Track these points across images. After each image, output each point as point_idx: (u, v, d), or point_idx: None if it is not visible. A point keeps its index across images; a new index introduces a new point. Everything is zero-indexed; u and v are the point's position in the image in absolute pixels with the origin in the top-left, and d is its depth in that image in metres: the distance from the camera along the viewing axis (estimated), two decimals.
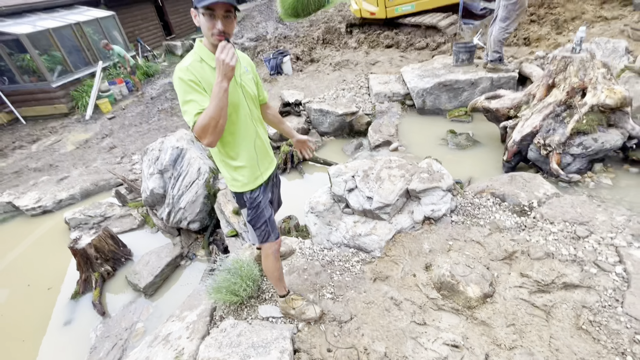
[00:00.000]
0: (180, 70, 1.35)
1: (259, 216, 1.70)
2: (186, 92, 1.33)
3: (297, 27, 12.13)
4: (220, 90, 1.28)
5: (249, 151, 1.59)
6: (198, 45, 1.44)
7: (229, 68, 1.26)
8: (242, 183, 1.62)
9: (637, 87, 2.91)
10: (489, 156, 3.33)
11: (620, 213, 2.04)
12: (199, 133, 1.31)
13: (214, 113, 1.28)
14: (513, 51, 4.62)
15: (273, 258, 1.78)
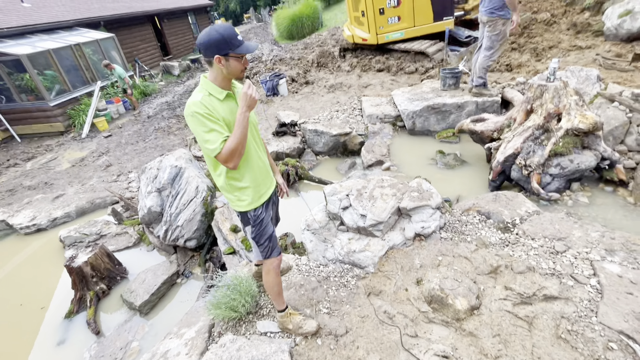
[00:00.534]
0: (195, 105, 1.47)
1: (262, 232, 1.81)
2: (205, 124, 1.46)
3: (292, 49, 12.58)
4: (245, 119, 1.50)
5: (253, 172, 1.71)
6: (205, 82, 1.57)
7: (254, 101, 1.51)
8: (247, 202, 1.73)
9: (608, 112, 3.16)
10: (476, 175, 3.50)
11: (595, 229, 2.20)
12: (227, 157, 1.47)
13: (240, 138, 1.48)
14: (496, 77, 4.92)
15: (274, 273, 1.88)
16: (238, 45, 1.47)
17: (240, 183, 1.70)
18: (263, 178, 1.79)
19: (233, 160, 1.49)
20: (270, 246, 1.86)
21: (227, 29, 1.47)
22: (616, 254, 1.99)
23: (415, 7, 6.21)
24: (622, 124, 3.04)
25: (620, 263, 1.92)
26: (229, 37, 1.45)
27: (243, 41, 1.50)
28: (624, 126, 3.03)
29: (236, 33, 1.49)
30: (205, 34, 1.47)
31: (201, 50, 1.50)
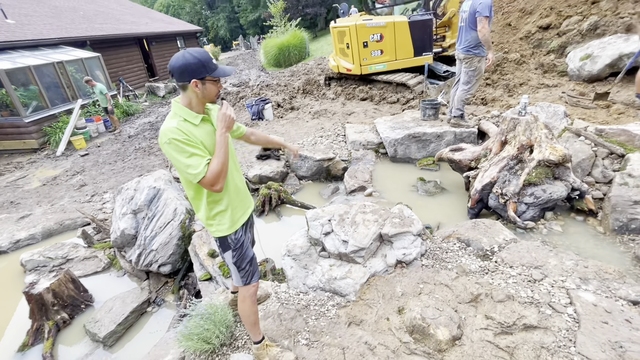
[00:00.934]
0: (171, 132, 1.42)
1: (244, 256, 1.77)
2: (184, 149, 1.42)
3: (279, 76, 12.89)
4: (225, 139, 1.51)
5: (230, 194, 1.69)
6: (178, 107, 1.53)
7: (232, 121, 1.53)
8: (226, 226, 1.68)
9: (575, 145, 3.35)
10: (455, 203, 3.58)
11: (569, 258, 2.26)
12: (213, 180, 1.45)
13: (223, 159, 1.47)
14: (472, 109, 5.19)
15: (250, 301, 1.80)
16: (214, 68, 1.48)
17: (220, 206, 1.66)
18: (241, 199, 1.78)
19: (219, 182, 1.47)
20: (251, 270, 1.81)
21: (203, 53, 1.46)
22: (590, 283, 2.03)
23: (397, 43, 6.57)
24: (588, 157, 3.22)
25: (594, 292, 1.96)
26: (206, 61, 1.45)
27: (217, 65, 1.51)
28: (590, 159, 3.22)
29: (211, 57, 1.50)
30: (180, 57, 1.43)
31: (174, 74, 1.46)
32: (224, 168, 1.48)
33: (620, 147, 3.11)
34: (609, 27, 5.91)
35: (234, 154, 1.78)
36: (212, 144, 1.54)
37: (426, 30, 6.44)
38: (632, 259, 2.41)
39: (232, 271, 1.82)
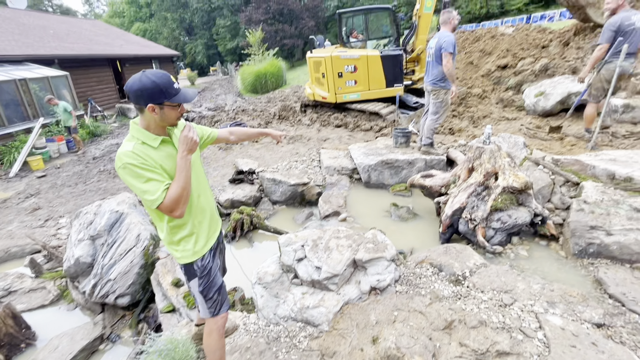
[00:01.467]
0: (126, 156, 1.35)
1: (211, 284, 1.66)
2: (140, 174, 1.35)
3: (255, 102, 13.02)
4: (187, 163, 1.42)
5: (197, 217, 1.61)
6: (135, 129, 1.46)
7: (194, 144, 1.44)
8: (191, 252, 1.59)
9: (535, 174, 3.56)
10: (428, 228, 3.63)
11: (536, 282, 2.32)
12: (171, 206, 1.36)
13: (183, 184, 1.39)
14: (441, 138, 5.44)
15: (217, 335, 1.66)
16: (174, 94, 1.39)
17: (184, 231, 1.57)
18: (209, 222, 1.69)
19: (179, 208, 1.39)
20: (219, 300, 1.69)
21: (162, 76, 1.37)
22: (557, 306, 2.08)
23: (370, 74, 6.90)
24: (547, 184, 3.42)
25: (561, 315, 2.00)
26: (164, 85, 1.36)
27: (179, 89, 1.42)
28: (549, 186, 3.42)
29: (172, 81, 1.41)
30: (136, 80, 1.34)
31: (130, 97, 1.37)
32: (185, 193, 1.39)
33: (575, 175, 3.34)
34: (558, 68, 6.57)
35: (201, 174, 1.71)
36: (173, 168, 1.46)
37: (397, 64, 6.84)
38: (592, 282, 2.51)
39: (198, 301, 1.68)
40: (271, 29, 29.04)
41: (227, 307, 1.74)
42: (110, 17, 48.83)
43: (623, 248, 2.63)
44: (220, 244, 1.93)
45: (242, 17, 30.46)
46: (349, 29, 8.43)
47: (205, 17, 42.20)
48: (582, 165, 3.36)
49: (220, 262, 1.94)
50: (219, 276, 1.73)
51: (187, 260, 1.61)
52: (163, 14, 42.79)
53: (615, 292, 2.32)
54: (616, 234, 2.66)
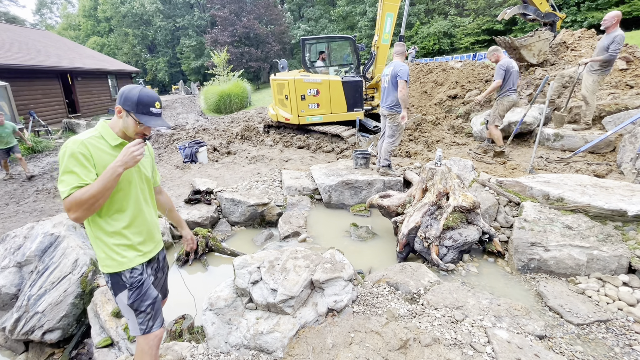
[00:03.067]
0: (74, 143, 1.36)
1: (143, 297, 1.56)
2: (72, 164, 1.33)
3: (218, 122, 12.79)
4: (114, 174, 1.35)
5: (133, 228, 1.57)
6: (102, 125, 1.51)
7: (133, 160, 1.38)
8: (118, 262, 1.52)
9: (482, 194, 3.82)
10: (386, 247, 3.69)
11: (485, 297, 2.41)
12: (72, 206, 1.30)
13: (97, 192, 1.32)
14: (398, 161, 5.69)
15: (149, 356, 1.51)
16: (143, 112, 1.45)
17: (115, 238, 1.53)
18: (146, 238, 1.64)
19: (77, 211, 1.32)
20: (152, 315, 1.57)
21: (148, 95, 1.47)
22: (503, 320, 2.17)
23: (332, 98, 7.14)
24: (493, 204, 3.67)
25: (507, 329, 2.09)
26: (141, 100, 1.44)
27: (153, 114, 1.47)
28: (495, 206, 3.67)
29: (153, 104, 1.47)
30: (130, 86, 1.49)
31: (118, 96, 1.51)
32: (91, 201, 1.32)
33: (516, 196, 3.62)
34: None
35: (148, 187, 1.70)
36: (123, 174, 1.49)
37: (357, 90, 7.17)
38: (534, 296, 2.67)
39: (127, 317, 1.57)
40: (237, 51, 29.34)
41: (160, 324, 1.63)
42: (63, 29, 46.36)
43: (559, 263, 2.85)
44: (160, 262, 1.85)
45: (208, 38, 30.52)
46: (318, 52, 8.76)
47: (169, 35, 41.65)
48: (522, 186, 3.66)
49: (158, 281, 1.84)
50: (153, 290, 1.64)
51: (114, 269, 1.52)
52: (124, 30, 41.55)
53: (554, 304, 2.49)
54: (552, 250, 2.89)
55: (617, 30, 4.88)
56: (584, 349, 2.10)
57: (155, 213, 1.76)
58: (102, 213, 1.50)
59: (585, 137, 5.32)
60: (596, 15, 19.68)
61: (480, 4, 27.41)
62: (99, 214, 1.49)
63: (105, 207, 1.50)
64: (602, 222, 2.99)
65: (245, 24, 29.57)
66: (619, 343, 2.16)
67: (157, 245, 1.75)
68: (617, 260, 2.73)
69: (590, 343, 2.17)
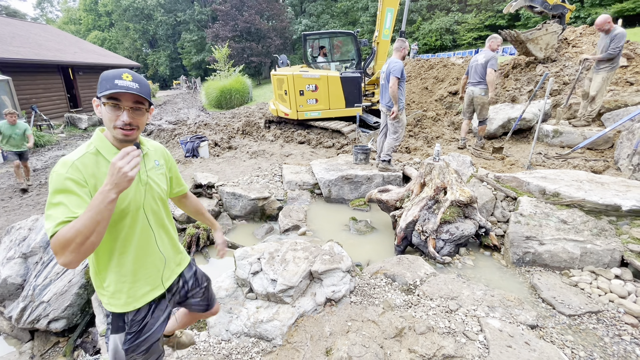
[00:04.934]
0: (63, 166, 1.08)
1: (139, 344, 1.31)
2: (57, 191, 1.04)
3: (219, 117, 12.82)
4: (104, 201, 0.99)
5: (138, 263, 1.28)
6: (97, 136, 1.20)
7: (125, 179, 1.00)
8: (123, 302, 1.25)
9: (480, 189, 3.86)
10: (384, 241, 3.75)
11: (479, 288, 2.47)
12: (57, 248, 0.97)
13: (84, 227, 0.97)
14: (398, 156, 5.73)
15: None
16: (109, 88, 1.11)
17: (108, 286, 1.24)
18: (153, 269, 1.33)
19: (63, 254, 0.97)
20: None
21: (115, 70, 1.16)
22: (496, 310, 2.23)
23: (330, 94, 7.16)
24: (490, 199, 3.72)
25: (500, 318, 2.15)
26: (105, 78, 1.13)
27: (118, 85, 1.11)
28: (492, 201, 3.72)
29: (119, 76, 1.13)
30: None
31: None
32: (80, 240, 0.97)
33: (513, 191, 3.67)
34: (499, 97, 7.28)
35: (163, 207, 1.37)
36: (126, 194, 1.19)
37: (356, 86, 7.17)
38: (528, 288, 2.73)
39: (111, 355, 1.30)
40: (238, 46, 29.25)
41: None
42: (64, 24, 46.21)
43: (553, 256, 2.91)
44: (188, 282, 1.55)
45: (209, 33, 30.43)
46: (319, 48, 8.76)
47: (170, 30, 41.51)
48: (519, 182, 3.71)
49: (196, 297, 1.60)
50: (155, 332, 1.35)
51: (116, 309, 1.26)
52: (125, 24, 41.43)
53: (547, 296, 2.54)
54: (547, 244, 2.94)
55: (616, 29, 4.89)
56: (575, 339, 2.16)
57: (173, 231, 1.46)
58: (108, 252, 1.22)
59: (584, 134, 5.34)
60: (600, 11, 19.52)
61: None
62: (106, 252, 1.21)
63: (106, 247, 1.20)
64: (597, 217, 3.04)
65: (246, 19, 29.46)
66: (609, 333, 2.22)
67: (174, 271, 1.45)
68: (610, 254, 2.78)
69: (581, 333, 2.23)
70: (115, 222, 1.19)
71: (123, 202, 1.19)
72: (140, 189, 1.25)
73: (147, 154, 1.33)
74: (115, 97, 1.13)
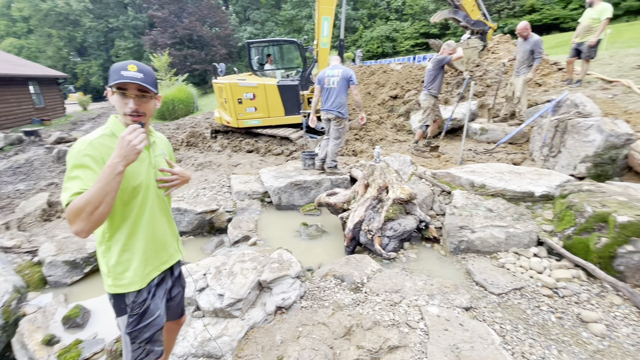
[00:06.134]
0: (82, 144, 1.22)
1: (142, 329, 1.41)
2: (75, 166, 1.18)
3: (162, 129, 12.12)
4: (112, 173, 1.11)
5: (146, 242, 1.39)
6: (112, 120, 1.36)
7: (133, 151, 1.14)
8: (128, 281, 1.36)
9: (420, 186, 4.14)
10: (335, 243, 3.83)
11: (420, 279, 2.65)
12: (69, 216, 1.10)
13: (93, 197, 1.09)
14: (345, 160, 5.91)
15: None
16: (115, 79, 1.25)
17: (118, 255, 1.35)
18: (156, 250, 1.45)
19: (76, 222, 1.09)
20: (146, 350, 1.44)
21: (122, 62, 1.31)
22: (435, 298, 2.40)
23: (268, 102, 7.20)
24: (429, 194, 4.00)
25: (438, 305, 2.32)
26: (114, 69, 1.27)
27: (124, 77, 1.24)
28: (430, 196, 4.00)
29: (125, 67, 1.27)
30: None
31: None
32: (88, 209, 1.09)
33: (448, 185, 3.99)
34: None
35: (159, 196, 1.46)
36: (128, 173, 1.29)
37: (294, 94, 7.21)
38: (464, 274, 2.98)
39: (123, 342, 1.44)
40: (180, 53, 28.05)
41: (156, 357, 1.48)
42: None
43: (483, 242, 3.21)
44: (175, 278, 1.66)
45: (146, 40, 28.75)
46: (266, 55, 8.71)
47: (101, 37, 38.41)
48: (452, 176, 4.05)
49: (175, 300, 1.68)
50: (158, 318, 1.46)
51: (118, 290, 1.36)
52: (46, 31, 37.38)
53: (479, 279, 2.80)
54: (478, 231, 3.24)
55: (533, 35, 5.59)
56: (503, 314, 2.41)
57: (172, 220, 1.59)
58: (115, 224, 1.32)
59: (505, 130, 6.00)
60: (515, 22, 22.14)
61: (416, 9, 29.34)
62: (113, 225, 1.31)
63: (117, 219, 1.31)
64: (516, 204, 3.43)
65: (186, 26, 28.36)
66: (530, 306, 2.51)
67: (172, 257, 1.56)
68: (529, 235, 3.15)
69: (508, 309, 2.49)
70: (128, 200, 1.32)
71: (135, 180, 1.32)
72: (150, 171, 1.40)
73: (155, 142, 1.50)
74: (122, 86, 1.26)
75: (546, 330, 2.26)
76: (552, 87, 7.09)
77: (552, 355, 2.03)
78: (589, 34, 6.13)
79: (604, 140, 3.87)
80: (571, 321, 2.33)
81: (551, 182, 3.50)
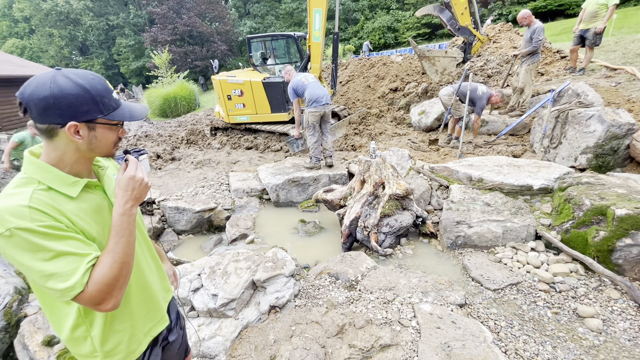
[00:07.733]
0: (16, 215, 0.81)
1: None
2: (43, 246, 0.81)
3: (164, 127, 12.16)
4: (129, 221, 0.91)
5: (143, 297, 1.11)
6: (36, 166, 0.91)
7: (146, 190, 0.95)
8: (122, 356, 1.07)
9: (417, 181, 4.10)
10: (332, 240, 3.83)
11: (415, 276, 2.63)
12: (101, 295, 0.84)
13: (123, 256, 0.88)
14: (344, 155, 5.88)
15: None
16: (114, 107, 0.94)
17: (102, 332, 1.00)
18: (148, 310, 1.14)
19: (112, 297, 0.87)
20: None
21: (94, 79, 0.92)
22: (429, 295, 2.39)
23: (255, 99, 7.16)
24: (426, 189, 3.97)
25: (431, 302, 2.31)
26: (98, 93, 0.91)
27: (120, 102, 0.98)
28: (428, 191, 3.97)
29: (110, 88, 0.96)
30: (45, 83, 0.86)
31: (31, 110, 0.87)
32: (124, 272, 0.88)
33: (445, 180, 3.95)
34: (435, 91, 7.77)
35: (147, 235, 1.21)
36: (102, 230, 0.97)
37: (278, 91, 7.05)
38: (460, 269, 2.96)
39: None
40: (180, 50, 27.99)
41: None
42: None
43: (480, 237, 3.18)
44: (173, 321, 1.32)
45: (146, 37, 28.71)
46: (268, 51, 8.64)
47: (102, 35, 38.44)
48: (450, 170, 4.00)
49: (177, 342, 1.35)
50: None
51: None
52: (47, 30, 37.50)
53: (476, 274, 2.78)
54: (475, 226, 3.21)
55: (535, 23, 5.48)
56: (498, 310, 2.39)
57: (158, 258, 1.27)
58: None
59: (506, 122, 5.90)
60: (518, 9, 21.67)
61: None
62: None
63: None
64: (514, 197, 3.39)
65: (186, 22, 28.22)
66: (526, 301, 2.48)
67: (167, 295, 1.29)
68: (526, 230, 3.11)
69: (504, 304, 2.47)
70: None
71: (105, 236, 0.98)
72: None
73: (105, 172, 1.10)
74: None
75: (541, 326, 2.24)
76: (555, 75, 6.94)
77: (546, 351, 2.02)
78: (594, 20, 5.96)
79: (605, 131, 3.79)
80: (567, 316, 2.31)
81: (550, 174, 3.44)
